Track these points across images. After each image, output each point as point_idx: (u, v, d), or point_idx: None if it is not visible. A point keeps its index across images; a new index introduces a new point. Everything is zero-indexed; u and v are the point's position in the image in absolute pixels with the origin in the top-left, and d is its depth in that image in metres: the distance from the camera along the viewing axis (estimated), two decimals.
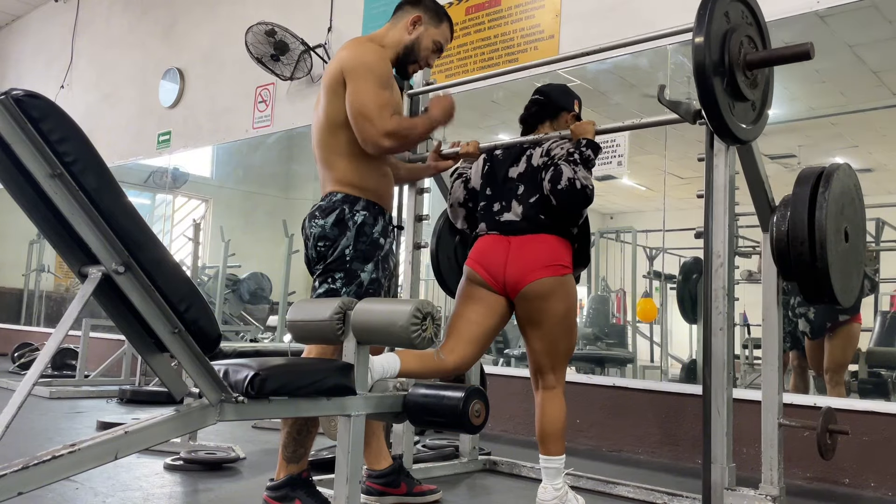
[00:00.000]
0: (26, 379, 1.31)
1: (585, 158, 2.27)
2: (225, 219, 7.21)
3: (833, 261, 2.09)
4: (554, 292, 2.26)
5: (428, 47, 2.40)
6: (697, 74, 1.93)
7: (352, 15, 5.34)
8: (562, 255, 2.30)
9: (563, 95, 2.56)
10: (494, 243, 2.35)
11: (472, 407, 1.69)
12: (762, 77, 2.16)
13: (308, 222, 2.24)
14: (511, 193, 2.38)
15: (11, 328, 8.43)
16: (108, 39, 7.88)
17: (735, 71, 1.99)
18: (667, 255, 5.60)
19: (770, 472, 2.21)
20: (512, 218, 2.35)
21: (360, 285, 2.17)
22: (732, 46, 1.99)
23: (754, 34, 2.10)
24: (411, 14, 2.37)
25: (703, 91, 1.94)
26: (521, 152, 2.44)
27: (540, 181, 2.32)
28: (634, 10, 3.88)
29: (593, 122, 2.39)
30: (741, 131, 2.08)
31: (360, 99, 2.13)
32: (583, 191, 2.22)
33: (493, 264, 2.32)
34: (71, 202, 1.33)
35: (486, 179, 2.48)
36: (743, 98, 2.04)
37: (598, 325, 5.99)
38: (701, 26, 1.92)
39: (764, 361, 2.35)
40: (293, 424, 2.12)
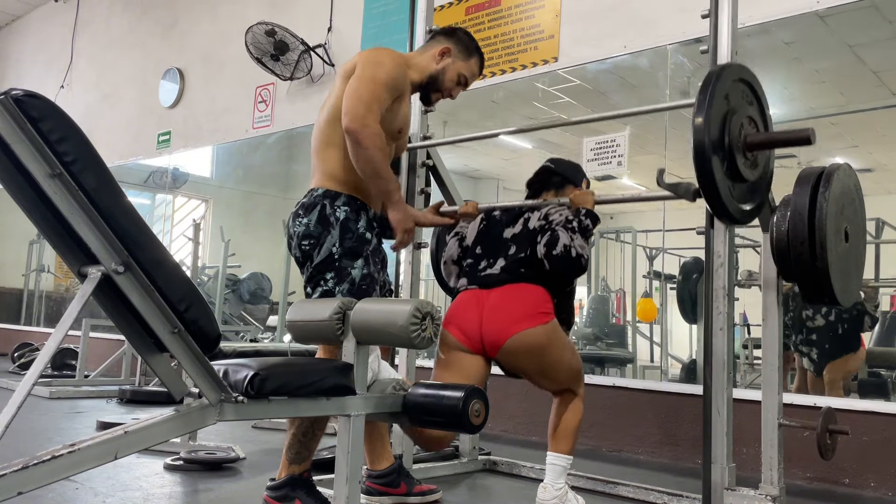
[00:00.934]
0: (26, 379, 1.31)
1: (584, 228, 2.26)
2: (225, 219, 7.21)
3: (833, 261, 2.09)
4: (543, 346, 2.20)
5: (452, 79, 2.42)
6: (697, 156, 1.91)
7: (352, 15, 5.34)
8: (542, 303, 2.23)
9: (573, 170, 2.57)
10: (470, 299, 2.30)
11: (472, 407, 1.69)
12: (763, 157, 2.14)
13: (292, 221, 2.23)
14: (502, 252, 2.34)
15: (11, 328, 8.43)
16: (108, 39, 7.88)
17: (735, 153, 1.98)
18: (667, 255, 5.60)
19: (770, 472, 2.20)
20: (492, 272, 2.31)
21: (353, 282, 2.16)
22: (733, 128, 1.98)
23: (755, 114, 2.09)
24: (441, 45, 2.42)
25: (703, 173, 1.92)
26: (518, 215, 2.43)
27: (533, 242, 2.29)
28: (634, 10, 3.88)
29: (593, 192, 2.38)
30: (741, 213, 2.07)
31: (359, 82, 2.13)
32: (577, 259, 2.19)
33: (468, 322, 2.25)
34: (70, 202, 1.33)
35: (479, 238, 2.45)
36: (743, 179, 2.03)
37: (598, 325, 6.00)
38: (701, 108, 1.91)
39: (764, 361, 2.35)
40: (299, 427, 2.12)
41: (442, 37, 2.45)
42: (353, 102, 2.10)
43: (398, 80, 2.23)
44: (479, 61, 2.48)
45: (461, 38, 2.45)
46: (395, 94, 2.23)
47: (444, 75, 2.41)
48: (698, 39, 3.46)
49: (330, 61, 5.45)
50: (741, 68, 2.12)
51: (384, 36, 5.12)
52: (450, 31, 2.47)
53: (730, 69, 2.06)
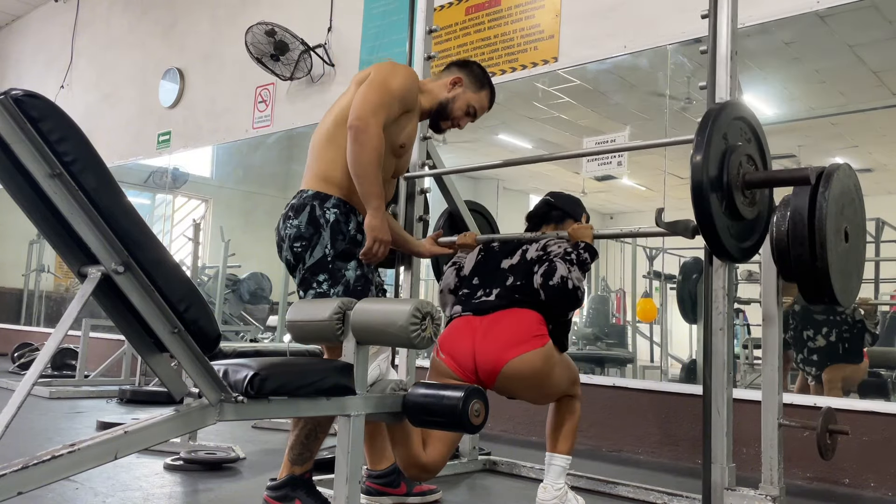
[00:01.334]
0: (26, 379, 1.31)
1: (582, 261, 2.25)
2: (225, 219, 7.21)
3: (833, 261, 2.09)
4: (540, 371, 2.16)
5: (461, 108, 2.45)
6: (695, 194, 1.91)
7: (352, 15, 5.34)
8: (535, 326, 2.19)
9: (573, 205, 2.57)
10: (462, 326, 2.26)
11: (472, 407, 1.69)
12: (761, 196, 2.14)
13: (283, 223, 2.22)
14: (498, 283, 2.33)
15: (11, 328, 8.43)
16: (108, 39, 7.88)
17: (733, 191, 1.98)
18: (667, 255, 5.60)
19: (770, 472, 2.20)
20: (487, 299, 2.29)
21: (347, 284, 2.15)
22: (731, 166, 1.98)
23: (754, 152, 2.09)
24: (454, 74, 2.46)
25: (701, 211, 1.92)
26: (517, 246, 2.42)
27: (530, 273, 2.28)
28: (634, 10, 3.88)
29: (592, 226, 2.38)
30: (739, 252, 2.07)
31: (370, 87, 2.16)
32: (574, 291, 2.18)
33: (460, 350, 2.21)
34: (70, 202, 1.33)
35: (477, 268, 2.44)
36: (741, 218, 2.03)
37: (597, 325, 6.00)
38: (700, 146, 1.91)
39: (764, 361, 2.35)
40: (303, 428, 2.11)
41: (455, 67, 2.50)
42: (361, 104, 2.13)
43: (409, 94, 2.26)
44: (489, 94, 2.51)
45: (474, 70, 2.50)
46: (405, 107, 2.25)
47: (454, 104, 2.43)
48: (698, 39, 3.46)
49: (330, 61, 5.45)
50: (740, 106, 2.12)
51: (384, 36, 5.12)
52: (464, 63, 2.52)
53: (728, 107, 2.06)
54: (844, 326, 3.86)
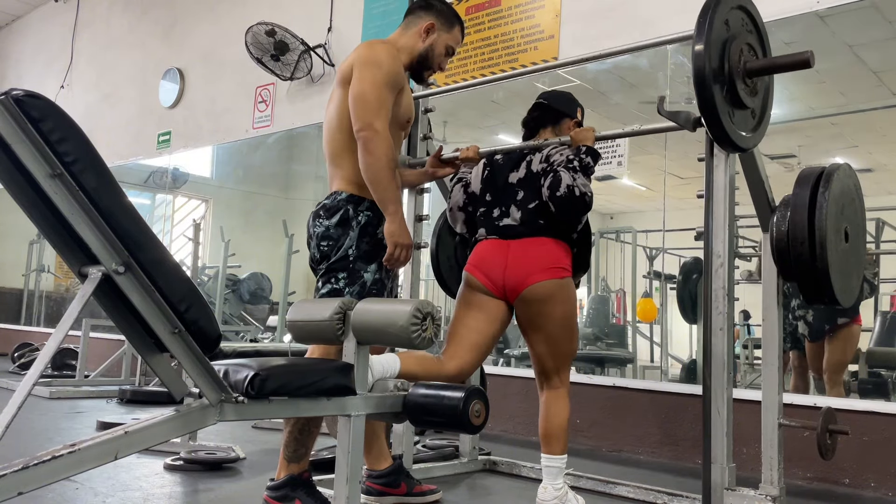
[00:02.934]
0: (26, 379, 1.31)
1: (585, 165, 2.27)
2: (225, 219, 7.21)
3: (833, 261, 2.09)
4: (553, 296, 2.26)
5: (441, 53, 2.41)
6: (697, 82, 1.92)
7: (352, 15, 5.34)
8: (561, 258, 2.29)
9: (566, 102, 2.57)
10: (493, 248, 2.35)
11: (472, 407, 1.69)
12: (762, 85, 2.14)
13: (312, 221, 2.24)
14: (510, 199, 2.37)
15: (11, 328, 8.43)
16: (108, 39, 7.88)
17: (735, 79, 1.98)
18: (667, 255, 5.60)
19: (770, 472, 2.21)
20: (510, 223, 2.35)
21: (364, 285, 2.17)
22: (732, 54, 1.98)
23: (754, 42, 2.10)
24: (424, 21, 2.38)
25: (703, 99, 1.93)
26: (521, 157, 2.44)
27: (539, 187, 2.31)
28: (634, 10, 3.88)
29: (593, 128, 2.39)
30: (741, 139, 2.07)
31: (363, 86, 2.14)
32: (581, 198, 2.21)
33: (493, 269, 2.31)
34: (71, 202, 1.33)
35: (486, 184, 2.47)
36: (743, 106, 2.03)
37: (598, 326, 6.00)
38: (701, 34, 1.91)
39: (764, 361, 2.35)
40: (295, 424, 2.12)
41: (421, 11, 2.40)
42: (361, 110, 2.12)
43: (397, 75, 2.24)
44: (461, 28, 2.46)
45: (440, 9, 2.41)
46: (397, 88, 2.24)
47: (434, 51, 2.39)
48: None
49: (330, 61, 5.45)
50: None
51: (384, 36, 5.10)
52: (427, 5, 2.42)
53: None
54: None
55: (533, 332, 2.34)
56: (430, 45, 2.38)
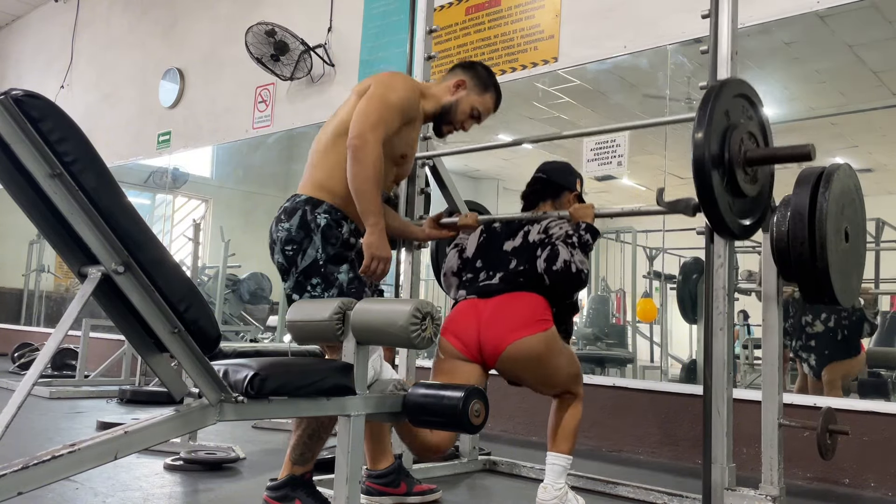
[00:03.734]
0: (26, 379, 1.31)
1: (584, 243, 2.26)
2: (225, 219, 7.21)
3: (833, 261, 2.09)
4: (541, 354, 2.19)
5: (465, 112, 2.43)
6: (696, 171, 1.91)
7: (352, 15, 5.34)
8: (540, 311, 2.22)
9: (565, 175, 2.56)
10: (467, 307, 2.29)
11: (472, 407, 1.69)
12: (763, 173, 2.14)
13: (275, 226, 2.21)
14: (502, 266, 2.34)
15: (11, 328, 8.43)
16: (108, 39, 7.88)
17: (735, 168, 1.98)
18: (667, 255, 5.60)
19: (770, 472, 2.20)
20: (491, 282, 2.31)
21: (341, 287, 2.14)
22: (732, 143, 1.98)
23: (755, 129, 2.09)
24: (458, 77, 2.43)
25: (702, 188, 1.93)
26: (518, 227, 2.42)
27: (533, 256, 2.29)
28: (634, 10, 3.88)
29: (592, 205, 2.39)
30: (740, 228, 2.07)
31: (370, 101, 2.16)
32: (577, 275, 2.20)
33: (465, 330, 2.25)
34: (70, 202, 1.33)
35: (480, 250, 2.45)
36: (742, 195, 2.03)
37: (598, 326, 6.00)
38: (701, 123, 1.92)
39: (764, 361, 2.35)
40: (306, 429, 2.11)
41: (460, 70, 2.47)
42: (359, 121, 2.13)
43: (409, 105, 2.25)
44: (494, 96, 2.48)
45: (479, 72, 2.46)
46: (405, 119, 2.25)
47: (458, 107, 2.41)
48: (698, 39, 3.46)
49: (330, 61, 5.45)
50: (741, 83, 2.12)
51: (384, 36, 5.12)
52: (469, 65, 2.49)
53: (730, 85, 2.05)
54: (843, 314, 3.85)
55: (524, 384, 2.33)
56: (456, 101, 2.41)
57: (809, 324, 3.90)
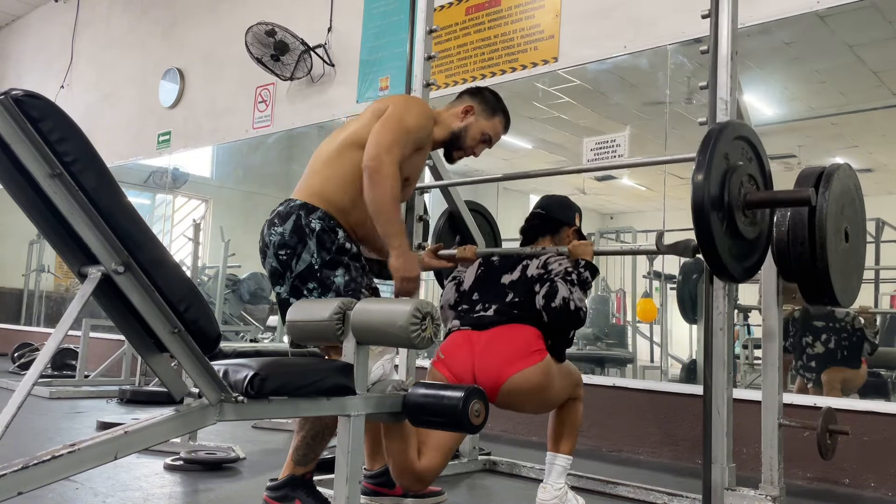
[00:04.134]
0: (26, 379, 1.31)
1: (583, 280, 2.26)
2: (225, 219, 7.21)
3: (833, 261, 2.09)
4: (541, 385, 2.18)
5: (475, 137, 2.43)
6: (696, 214, 1.91)
7: (352, 15, 5.34)
8: (534, 342, 2.20)
9: (564, 210, 2.56)
10: (461, 339, 2.27)
11: (472, 407, 1.69)
12: (762, 216, 2.14)
13: (267, 230, 2.19)
14: (499, 299, 2.33)
15: (11, 328, 8.43)
16: (108, 39, 7.89)
17: (734, 211, 1.98)
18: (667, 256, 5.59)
19: (770, 472, 2.21)
20: (485, 314, 2.30)
21: (338, 290, 2.13)
22: (732, 186, 1.98)
23: (755, 172, 2.09)
24: (466, 103, 2.44)
25: (702, 231, 1.93)
26: (517, 261, 2.42)
27: (531, 291, 2.28)
28: (634, 11, 3.88)
29: (591, 242, 2.40)
30: (740, 271, 2.07)
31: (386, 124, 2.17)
32: (576, 312, 2.19)
33: (459, 362, 2.22)
34: (70, 202, 1.33)
35: (477, 283, 2.44)
36: (742, 237, 2.03)
37: (598, 326, 6.00)
38: (701, 167, 1.92)
39: (764, 361, 2.35)
40: (309, 430, 2.11)
41: (468, 96, 2.48)
42: (375, 142, 2.13)
43: (423, 131, 2.27)
44: (503, 120, 2.49)
45: (486, 97, 2.48)
46: (417, 144, 2.27)
47: (467, 133, 2.42)
48: (698, 39, 3.46)
49: (330, 61, 5.45)
50: (741, 126, 2.12)
51: (384, 36, 5.12)
52: (476, 91, 2.50)
53: (730, 127, 2.05)
54: (844, 334, 3.85)
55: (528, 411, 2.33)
56: (465, 127, 2.42)
57: (810, 345, 3.90)
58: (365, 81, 5.19)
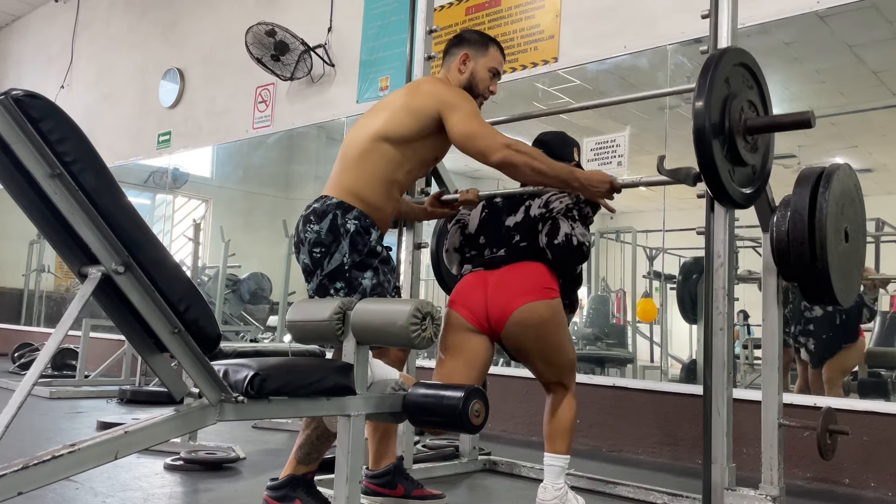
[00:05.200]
0: (26, 379, 1.31)
1: (584, 215, 2.28)
2: (225, 219, 7.21)
3: (833, 261, 2.09)
4: (544, 319, 2.22)
5: (485, 78, 2.42)
6: (697, 140, 1.92)
7: (352, 15, 5.34)
8: (546, 279, 2.25)
9: (562, 145, 2.56)
10: (474, 279, 2.32)
11: (472, 407, 1.69)
12: (763, 141, 2.14)
13: (303, 226, 2.21)
14: (505, 241, 2.36)
15: (11, 328, 8.43)
16: (108, 39, 7.88)
17: (735, 136, 1.98)
18: (667, 255, 5.59)
19: (770, 472, 2.21)
20: (495, 255, 2.34)
21: (364, 293, 2.15)
22: (733, 112, 1.98)
23: (755, 98, 2.10)
24: (459, 54, 2.41)
25: (703, 156, 1.93)
26: (520, 202, 2.43)
27: (536, 231, 2.30)
28: (634, 10, 3.88)
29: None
30: (741, 196, 2.07)
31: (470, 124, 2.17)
32: (579, 247, 2.22)
33: (474, 300, 2.28)
34: (70, 202, 1.33)
35: (482, 226, 2.45)
36: (743, 163, 2.03)
37: (598, 325, 5.99)
38: (701, 92, 1.92)
39: (764, 361, 2.35)
40: (315, 429, 2.11)
41: (454, 48, 2.45)
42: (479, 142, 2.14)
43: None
44: (497, 48, 2.47)
45: (470, 38, 2.45)
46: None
47: (476, 78, 2.41)
48: (698, 39, 3.46)
49: (330, 61, 5.45)
50: (741, 52, 2.12)
51: (384, 36, 5.12)
52: (458, 39, 2.47)
53: (730, 53, 2.06)
54: None
55: (526, 356, 2.33)
56: (472, 74, 2.40)
57: (808, 308, 3.90)
58: (365, 81, 5.19)
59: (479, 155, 2.15)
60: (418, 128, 2.22)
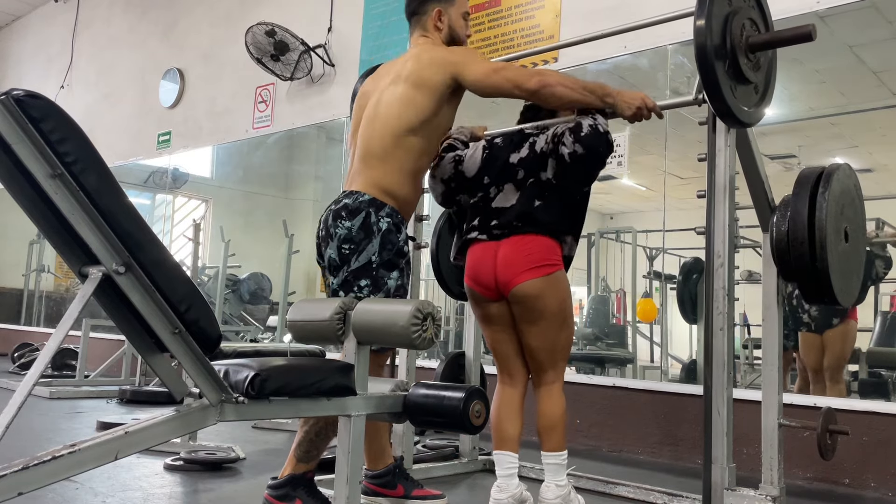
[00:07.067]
0: (26, 379, 1.31)
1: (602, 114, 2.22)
2: (225, 219, 7.21)
3: (833, 261, 2.09)
4: (542, 292, 2.24)
5: (462, 25, 2.44)
6: (699, 57, 1.91)
7: (352, 15, 5.34)
8: (549, 255, 2.26)
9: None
10: (483, 252, 2.33)
11: (473, 407, 1.69)
12: (765, 60, 2.14)
13: (332, 221, 2.18)
14: (510, 177, 2.34)
15: (11, 328, 8.43)
16: (108, 39, 7.88)
17: (737, 54, 1.98)
18: (667, 255, 5.60)
19: (770, 472, 2.21)
20: (503, 204, 2.31)
21: (388, 292, 2.15)
22: (734, 29, 1.97)
23: (756, 17, 2.10)
24: (431, 12, 2.39)
25: (705, 74, 1.93)
26: (523, 139, 2.39)
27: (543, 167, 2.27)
28: (634, 11, 3.87)
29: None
30: (744, 114, 2.07)
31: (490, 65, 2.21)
32: (605, 135, 2.15)
33: (484, 274, 2.30)
34: (71, 202, 1.33)
35: (485, 166, 2.40)
36: (746, 81, 2.03)
37: (598, 326, 5.99)
38: (702, 9, 1.92)
39: (764, 361, 2.35)
40: (313, 426, 2.11)
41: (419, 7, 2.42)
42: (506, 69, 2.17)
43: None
44: None
45: None
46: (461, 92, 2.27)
47: (454, 28, 2.41)
48: None
49: (330, 61, 5.45)
50: None
51: (384, 36, 5.12)
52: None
53: None
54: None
55: (526, 326, 2.32)
56: (449, 28, 2.41)
57: None
58: None
59: (513, 85, 2.13)
60: (436, 102, 2.20)
